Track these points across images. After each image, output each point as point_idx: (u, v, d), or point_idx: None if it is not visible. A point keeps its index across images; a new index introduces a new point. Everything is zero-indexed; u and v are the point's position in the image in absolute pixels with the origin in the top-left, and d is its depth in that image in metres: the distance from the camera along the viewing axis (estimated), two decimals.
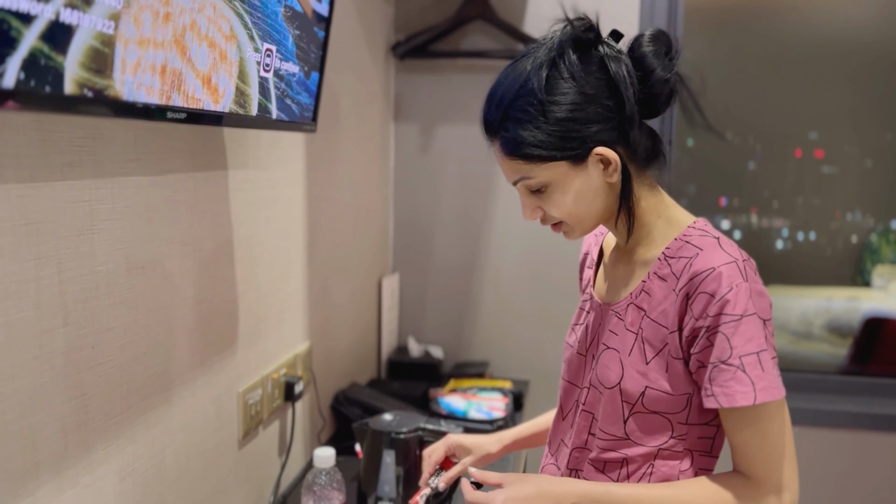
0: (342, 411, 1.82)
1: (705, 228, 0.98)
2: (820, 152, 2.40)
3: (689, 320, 0.93)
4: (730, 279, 0.90)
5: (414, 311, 2.42)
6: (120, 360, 0.98)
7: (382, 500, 1.35)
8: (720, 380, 0.90)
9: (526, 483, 0.96)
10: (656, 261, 0.99)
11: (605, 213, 1.01)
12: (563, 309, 2.31)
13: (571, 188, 0.96)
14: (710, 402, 0.91)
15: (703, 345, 0.91)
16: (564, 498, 0.94)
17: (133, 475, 1.01)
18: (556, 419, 1.15)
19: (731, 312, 0.89)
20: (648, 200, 1.01)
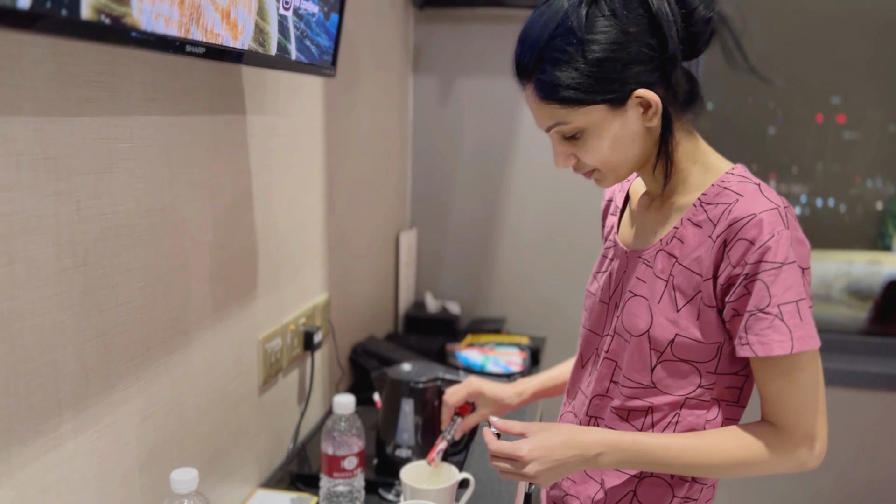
0: (360, 363, 1.82)
1: (745, 174, 0.95)
2: (842, 117, 2.34)
3: (725, 268, 0.90)
4: (771, 226, 0.87)
5: (431, 267, 2.41)
6: (140, 302, 0.97)
7: (401, 448, 1.35)
8: (756, 328, 0.88)
9: (551, 432, 0.95)
10: (691, 207, 0.96)
11: (640, 160, 0.98)
12: (581, 266, 2.28)
13: (608, 133, 0.93)
14: (745, 350, 0.89)
15: (740, 293, 0.89)
16: (591, 447, 0.93)
17: (154, 416, 1.02)
18: (576, 367, 1.14)
19: (772, 260, 0.86)
20: (685, 146, 0.98)
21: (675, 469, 0.94)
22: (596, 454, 0.93)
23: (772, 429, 0.92)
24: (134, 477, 0.97)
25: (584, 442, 0.94)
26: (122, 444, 0.95)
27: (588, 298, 1.12)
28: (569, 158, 0.98)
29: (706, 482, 1.01)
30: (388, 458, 1.36)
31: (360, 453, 1.25)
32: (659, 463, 0.93)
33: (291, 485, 1.37)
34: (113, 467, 0.93)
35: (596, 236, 2.25)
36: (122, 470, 0.94)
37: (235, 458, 1.27)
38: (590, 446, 0.93)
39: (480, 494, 1.32)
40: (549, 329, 2.33)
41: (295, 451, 1.48)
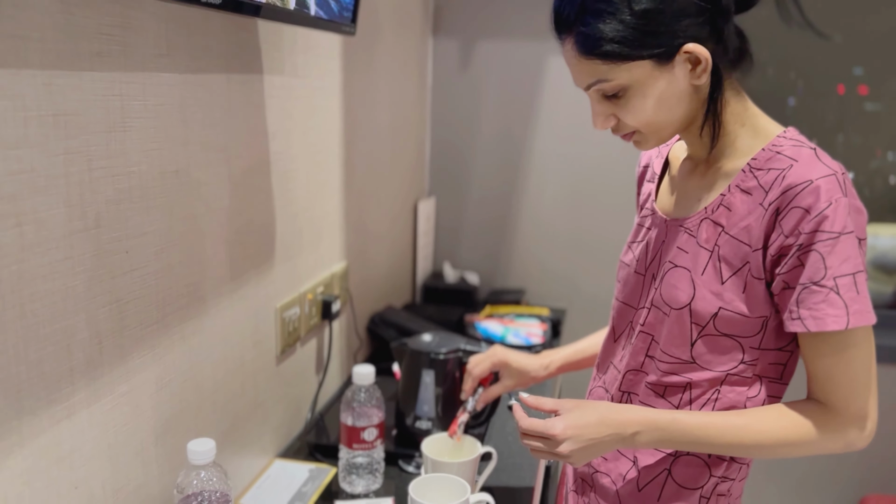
0: (378, 333, 1.79)
1: (798, 138, 0.90)
2: (864, 88, 2.26)
3: (776, 237, 0.85)
4: (829, 193, 0.82)
5: (450, 236, 2.36)
6: (155, 267, 0.94)
7: (421, 420, 1.32)
8: (810, 302, 0.83)
9: (585, 410, 0.91)
10: (739, 172, 0.90)
11: (686, 121, 0.92)
12: (604, 236, 2.23)
13: (653, 92, 0.87)
14: (796, 325, 0.84)
15: (793, 264, 0.84)
16: (627, 426, 0.89)
17: (170, 385, 0.99)
18: (607, 340, 1.09)
19: (829, 230, 0.81)
20: (734, 107, 0.92)
21: (716, 449, 0.90)
22: (633, 433, 0.89)
23: (820, 407, 0.87)
24: (150, 447, 0.95)
25: (620, 420, 0.89)
26: (137, 413, 0.92)
27: (621, 269, 1.07)
28: (609, 119, 0.92)
29: (743, 460, 0.97)
30: (408, 429, 1.34)
31: (380, 425, 1.23)
32: (699, 442, 0.89)
33: (309, 455, 1.35)
34: (128, 437, 0.90)
35: (620, 205, 2.20)
36: (137, 440, 0.92)
37: (253, 428, 1.24)
38: (626, 425, 0.89)
39: (502, 468, 1.29)
40: (570, 300, 2.28)
41: (313, 422, 1.45)
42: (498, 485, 1.25)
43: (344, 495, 1.22)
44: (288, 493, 1.22)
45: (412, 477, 1.28)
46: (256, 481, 1.25)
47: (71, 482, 0.80)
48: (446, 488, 1.08)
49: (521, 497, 1.22)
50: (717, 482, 0.96)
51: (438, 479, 1.09)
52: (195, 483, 0.93)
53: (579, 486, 1.09)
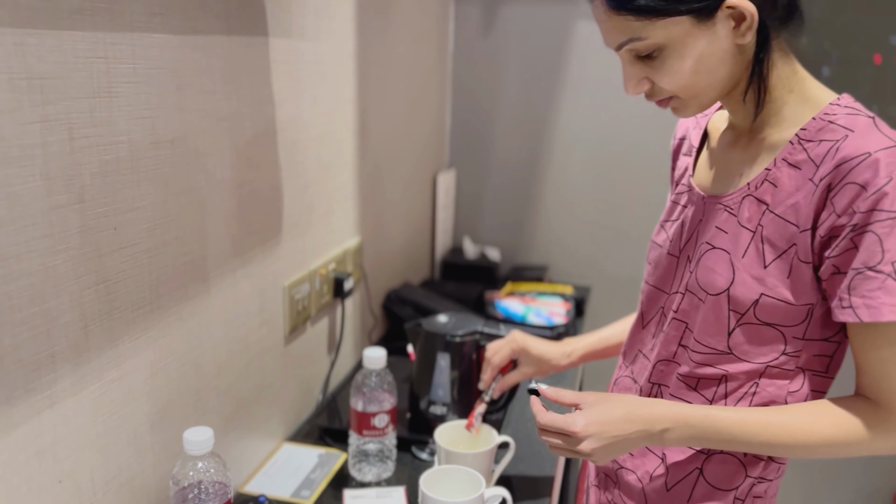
0: (394, 311, 1.73)
1: (854, 105, 0.80)
2: None
3: (828, 216, 0.76)
4: (889, 168, 0.72)
5: (470, 210, 2.28)
6: (148, 245, 0.87)
7: (435, 405, 1.26)
8: (864, 289, 0.74)
9: (610, 405, 0.83)
10: (787, 144, 0.81)
11: (728, 85, 0.83)
12: (632, 212, 2.13)
13: (692, 51, 0.78)
14: (846, 314, 0.76)
15: (845, 247, 0.75)
16: (656, 422, 0.82)
17: (166, 370, 0.93)
18: (635, 327, 1.01)
19: (889, 209, 0.72)
20: (781, 70, 0.82)
21: (753, 448, 0.82)
22: (662, 430, 0.82)
23: (870, 405, 0.79)
24: (144, 435, 0.89)
25: (648, 416, 0.82)
26: (129, 400, 0.86)
27: (653, 250, 0.98)
28: (642, 83, 0.83)
29: (782, 459, 0.89)
30: (422, 414, 1.27)
31: (392, 410, 1.16)
32: (735, 441, 0.81)
33: (319, 439, 1.29)
34: (119, 426, 0.85)
35: (651, 178, 2.09)
36: (129, 428, 0.86)
37: (260, 412, 1.19)
38: (655, 421, 0.81)
39: (520, 457, 1.23)
40: (595, 278, 2.20)
41: (324, 404, 1.40)
42: (516, 475, 1.18)
43: (354, 483, 1.16)
44: (295, 480, 1.16)
45: (425, 465, 1.22)
46: (263, 466, 1.20)
47: (54, 475, 0.75)
48: (460, 481, 1.02)
49: (541, 488, 1.16)
50: (754, 483, 0.89)
51: (452, 471, 1.02)
52: (192, 474, 0.88)
53: (602, 482, 1.03)
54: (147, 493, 0.90)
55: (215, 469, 0.89)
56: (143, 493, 0.89)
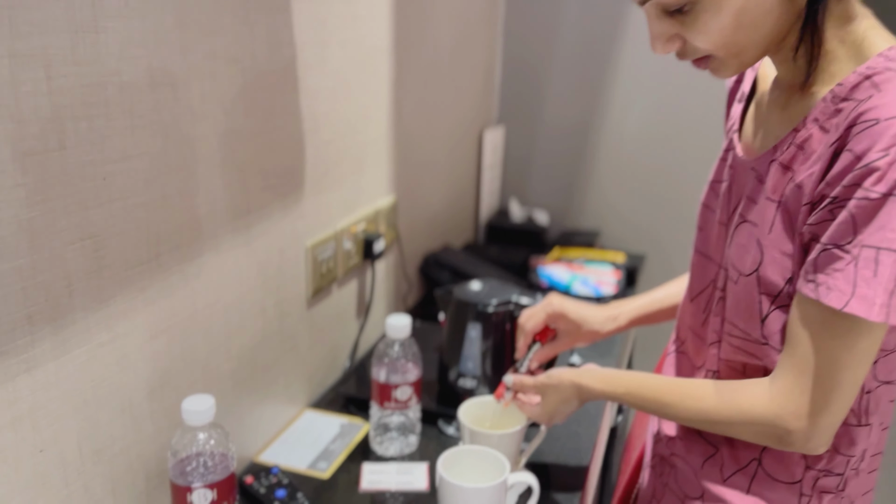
0: (431, 275, 1.64)
1: None
2: None
3: (821, 185, 0.67)
4: (891, 140, 0.61)
5: (519, 170, 2.16)
6: (144, 198, 0.80)
7: (465, 377, 1.17)
8: (828, 267, 0.66)
9: (552, 395, 0.92)
10: (819, 103, 0.69)
11: (774, 39, 0.70)
12: (694, 176, 1.97)
13: (730, 4, 0.66)
14: (808, 289, 0.68)
15: (822, 217, 0.67)
16: (584, 393, 0.91)
17: (168, 333, 0.87)
18: (685, 299, 0.90)
19: (870, 188, 0.62)
20: (837, 18, 0.69)
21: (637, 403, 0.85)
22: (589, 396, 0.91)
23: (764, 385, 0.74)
24: (141, 403, 0.83)
25: (584, 393, 0.91)
26: (123, 365, 0.80)
27: (702, 213, 0.87)
28: (672, 41, 0.71)
29: (851, 452, 0.78)
30: (451, 387, 1.19)
31: (416, 383, 1.08)
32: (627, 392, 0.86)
33: (343, 408, 1.23)
34: (112, 393, 0.79)
35: (716, 143, 1.93)
36: (123, 395, 0.80)
37: (279, 377, 1.13)
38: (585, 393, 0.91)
39: (556, 435, 1.13)
40: (650, 246, 2.06)
41: (351, 370, 1.33)
42: (549, 457, 1.09)
43: (374, 457, 1.09)
44: (313, 451, 1.10)
45: (451, 441, 1.14)
46: (283, 433, 1.14)
47: (34, 445, 0.70)
48: (483, 463, 0.93)
49: (576, 474, 1.06)
50: (818, 476, 0.79)
51: (474, 453, 0.94)
52: (191, 445, 0.82)
53: (657, 465, 0.94)
54: (145, 464, 0.85)
55: (217, 440, 0.83)
56: (141, 463, 0.84)
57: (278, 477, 1.01)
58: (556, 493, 1.01)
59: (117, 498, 0.81)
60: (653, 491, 0.95)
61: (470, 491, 0.86)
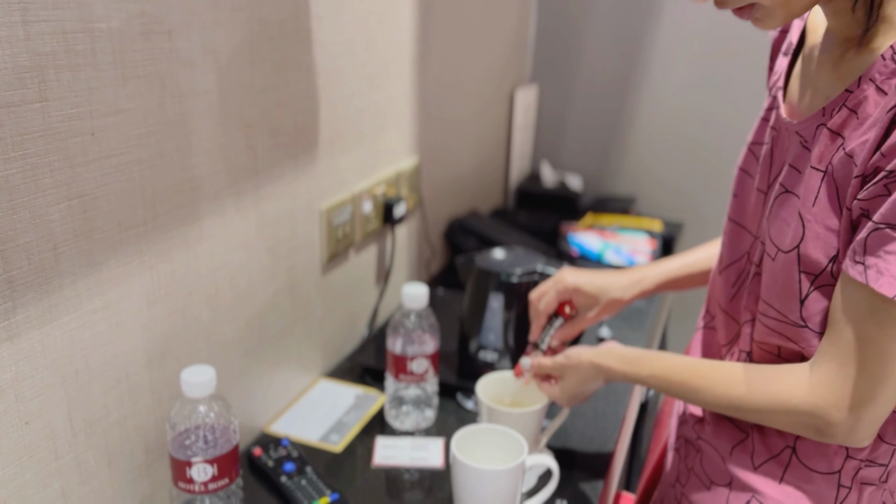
0: (456, 242, 1.57)
1: None
2: None
3: (875, 156, 0.59)
4: None
5: (552, 132, 2.06)
6: (138, 155, 0.75)
7: (486, 350, 1.11)
8: (879, 248, 0.58)
9: (572, 377, 0.86)
10: (877, 60, 0.60)
11: None
12: (735, 141, 1.86)
13: None
14: (857, 271, 0.60)
15: (876, 192, 0.59)
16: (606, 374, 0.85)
17: (168, 300, 0.82)
18: (714, 271, 0.83)
19: None
20: None
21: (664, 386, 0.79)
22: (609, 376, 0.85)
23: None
24: (139, 373, 0.79)
25: (604, 373, 0.85)
26: (118, 333, 0.76)
27: (739, 178, 0.79)
28: None
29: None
30: (471, 359, 1.13)
31: (433, 355, 1.03)
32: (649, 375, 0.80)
33: (360, 378, 1.18)
34: (107, 362, 0.75)
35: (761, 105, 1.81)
36: (119, 365, 0.76)
37: (291, 346, 1.08)
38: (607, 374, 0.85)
39: (581, 412, 1.07)
40: (689, 213, 1.96)
41: (369, 339, 1.28)
42: (574, 437, 1.03)
43: (389, 431, 1.05)
44: (326, 423, 1.06)
45: (470, 416, 1.08)
46: (295, 403, 1.10)
47: (18, 417, 0.66)
48: (500, 444, 0.87)
49: (600, 455, 1.00)
50: (859, 466, 0.72)
51: (491, 432, 0.88)
52: (190, 417, 0.78)
53: (682, 447, 0.88)
54: (144, 435, 0.81)
55: (217, 413, 0.79)
56: (139, 435, 0.80)
57: (287, 449, 0.97)
58: (578, 474, 0.96)
59: (114, 471, 0.77)
60: (676, 475, 0.89)
61: (484, 473, 0.81)
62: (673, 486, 0.89)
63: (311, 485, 0.90)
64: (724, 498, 0.79)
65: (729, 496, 0.78)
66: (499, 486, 0.82)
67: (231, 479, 0.80)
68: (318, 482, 0.91)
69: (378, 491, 0.92)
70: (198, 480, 0.78)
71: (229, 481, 0.80)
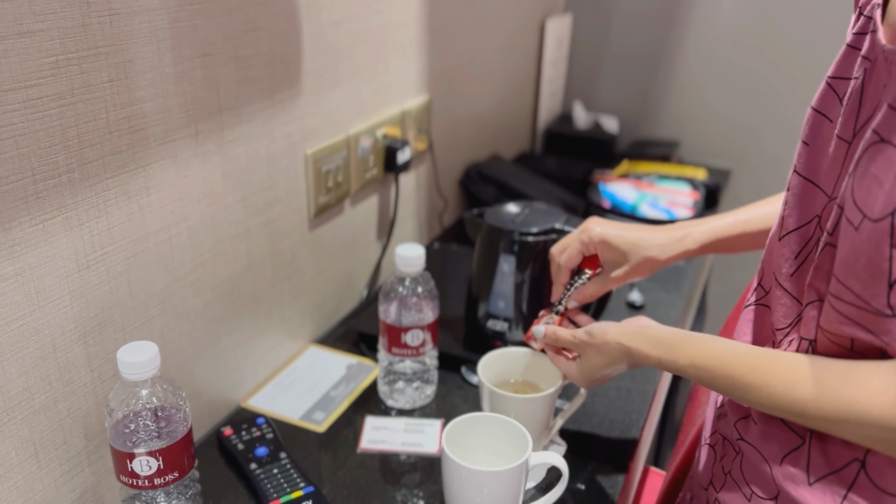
0: (472, 191, 1.42)
1: None
2: None
3: None
4: None
5: (586, 68, 1.87)
6: (56, 88, 0.61)
7: (494, 319, 0.97)
8: None
9: (598, 357, 0.72)
10: None
11: None
12: (799, 78, 1.64)
13: None
14: None
15: None
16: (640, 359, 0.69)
17: (106, 261, 0.69)
18: (773, 236, 0.66)
19: None
20: None
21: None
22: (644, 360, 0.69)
23: None
24: (72, 347, 0.67)
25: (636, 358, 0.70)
26: (39, 303, 0.63)
27: (813, 121, 0.61)
28: None
29: None
30: (478, 328, 0.99)
31: (432, 325, 0.89)
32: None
33: (354, 346, 1.06)
34: (25, 336, 0.63)
35: (833, 31, 1.59)
36: (44, 339, 0.64)
37: (273, 309, 0.96)
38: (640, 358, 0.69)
39: (600, 392, 0.93)
40: (739, 160, 1.76)
41: (368, 301, 1.15)
42: (594, 420, 0.89)
43: (382, 408, 0.92)
44: (311, 397, 0.94)
45: (475, 393, 0.95)
46: (279, 374, 0.98)
47: None
48: (502, 435, 0.74)
49: (622, 444, 0.87)
50: None
51: (491, 421, 0.75)
52: (130, 403, 0.66)
53: (719, 445, 0.73)
54: (83, 419, 0.70)
55: (163, 397, 0.67)
56: (76, 419, 0.69)
57: (262, 430, 0.85)
58: (596, 465, 0.82)
59: (42, 462, 0.66)
60: (710, 477, 0.74)
61: (478, 474, 0.68)
62: (706, 488, 0.75)
63: (283, 474, 0.79)
64: None
65: None
66: (495, 488, 0.69)
67: (182, 473, 0.69)
68: (291, 471, 0.79)
69: (360, 483, 0.80)
70: (141, 475, 0.67)
71: (179, 475, 0.69)
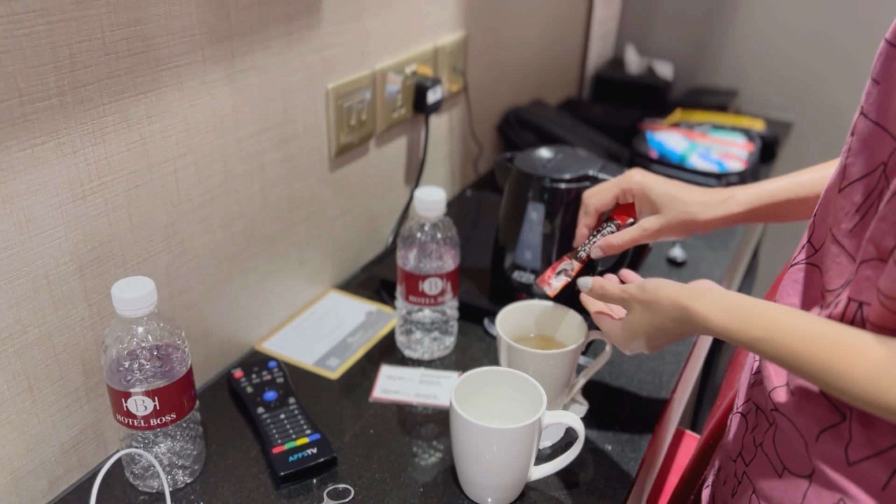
0: (510, 137, 1.35)
1: None
2: None
3: None
4: None
5: (641, 9, 1.75)
6: (44, 3, 0.57)
7: (521, 270, 0.92)
8: None
9: (658, 313, 0.62)
10: None
11: None
12: (872, 23, 1.50)
13: None
14: None
15: None
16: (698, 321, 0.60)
17: (104, 192, 0.66)
18: (831, 187, 0.58)
19: None
20: None
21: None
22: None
23: None
24: (68, 280, 0.65)
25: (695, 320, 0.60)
26: (31, 232, 0.61)
27: (884, 56, 0.52)
28: None
29: None
30: (503, 279, 0.94)
31: (452, 274, 0.84)
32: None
33: (376, 292, 1.02)
34: (15, 268, 0.60)
35: None
36: (36, 270, 0.62)
37: (290, 252, 0.92)
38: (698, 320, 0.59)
39: (625, 356, 0.88)
40: (801, 111, 1.64)
41: (392, 248, 1.10)
42: (622, 378, 0.84)
43: (397, 358, 0.89)
44: (327, 343, 0.91)
45: (495, 345, 0.90)
46: (296, 318, 0.95)
47: None
48: (516, 393, 0.70)
49: (651, 404, 0.81)
50: None
51: (507, 376, 0.70)
52: (125, 340, 0.63)
53: (751, 415, 0.66)
54: (80, 354, 0.68)
55: (160, 335, 0.64)
56: (72, 354, 0.67)
57: (273, 374, 0.83)
58: (622, 427, 0.77)
59: (37, 396, 0.65)
60: (740, 448, 0.68)
61: (486, 431, 0.64)
62: (734, 460, 0.69)
63: (290, 420, 0.76)
64: (800, 492, 0.58)
65: (808, 492, 0.58)
66: (504, 446, 0.65)
67: (180, 415, 0.67)
68: (299, 417, 0.76)
69: (369, 433, 0.76)
70: (137, 415, 0.64)
71: (177, 417, 0.66)
